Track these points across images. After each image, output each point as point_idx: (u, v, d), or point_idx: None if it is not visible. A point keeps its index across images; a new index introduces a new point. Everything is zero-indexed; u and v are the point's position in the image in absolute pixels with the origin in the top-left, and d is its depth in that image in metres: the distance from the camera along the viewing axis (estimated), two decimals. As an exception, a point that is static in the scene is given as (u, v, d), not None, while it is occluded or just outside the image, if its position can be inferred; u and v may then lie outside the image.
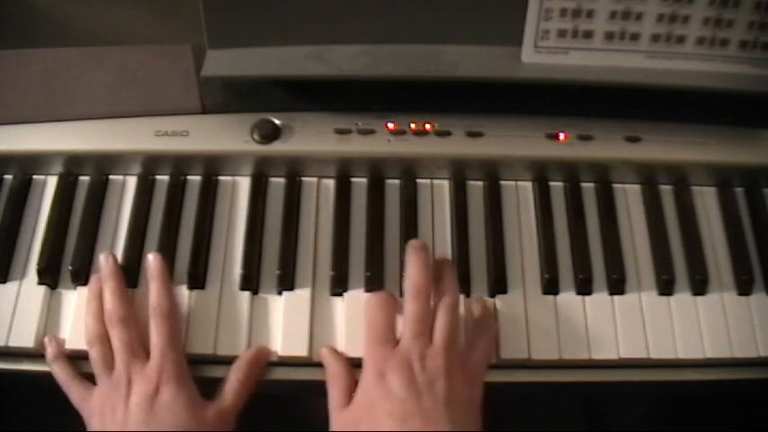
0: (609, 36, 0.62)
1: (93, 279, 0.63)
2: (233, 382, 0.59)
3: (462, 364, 0.56)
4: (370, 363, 0.56)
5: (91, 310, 0.61)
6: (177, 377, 0.57)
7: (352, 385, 0.57)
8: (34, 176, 0.69)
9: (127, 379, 0.57)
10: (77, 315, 0.62)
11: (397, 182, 0.69)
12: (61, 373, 0.60)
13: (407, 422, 0.52)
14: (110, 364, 0.58)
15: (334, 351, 0.60)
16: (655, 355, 0.61)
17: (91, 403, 0.58)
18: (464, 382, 0.55)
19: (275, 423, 0.79)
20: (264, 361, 0.61)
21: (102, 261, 0.63)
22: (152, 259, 0.63)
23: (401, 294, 0.62)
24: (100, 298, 0.61)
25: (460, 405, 0.54)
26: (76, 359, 0.60)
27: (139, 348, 0.59)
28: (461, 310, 0.61)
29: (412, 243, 0.61)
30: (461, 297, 0.62)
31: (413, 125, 0.67)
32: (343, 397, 0.57)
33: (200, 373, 0.60)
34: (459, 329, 0.58)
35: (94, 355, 0.59)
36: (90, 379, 0.59)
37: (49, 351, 0.60)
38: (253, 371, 0.60)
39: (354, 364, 0.59)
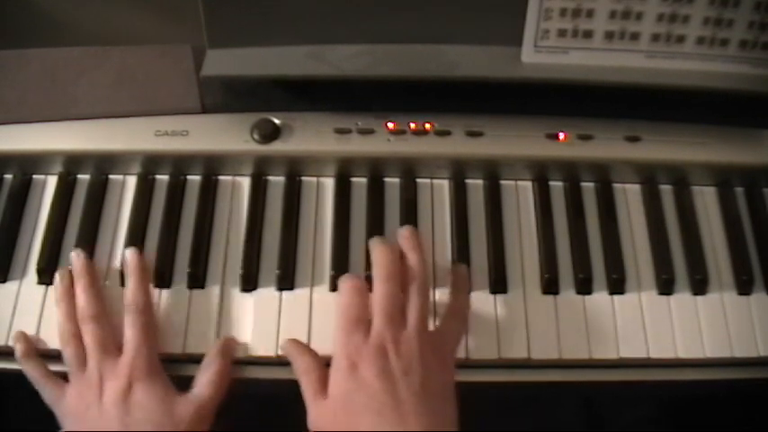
0: (609, 36, 0.62)
1: (60, 275, 0.62)
2: (208, 376, 0.58)
3: (437, 346, 0.56)
4: (342, 352, 0.54)
5: (62, 309, 0.60)
6: (150, 373, 0.57)
7: (324, 373, 0.56)
8: (34, 176, 0.69)
9: (99, 377, 0.57)
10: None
11: (396, 181, 0.69)
12: (33, 372, 0.59)
13: (383, 414, 0.51)
14: (82, 362, 0.58)
15: (298, 343, 0.60)
16: (654, 354, 0.61)
17: (64, 402, 0.57)
18: (438, 366, 0.55)
19: (274, 424, 0.78)
20: (233, 351, 0.60)
21: (74, 258, 0.63)
22: (129, 255, 0.62)
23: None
24: (71, 296, 0.61)
25: (436, 392, 0.53)
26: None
27: (112, 346, 0.58)
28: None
29: (373, 239, 0.61)
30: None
31: (413, 125, 0.67)
32: (317, 385, 0.55)
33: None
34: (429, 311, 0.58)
35: (67, 354, 0.58)
36: (64, 377, 0.59)
37: (19, 348, 0.60)
38: (225, 362, 0.59)
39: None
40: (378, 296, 0.56)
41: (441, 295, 0.63)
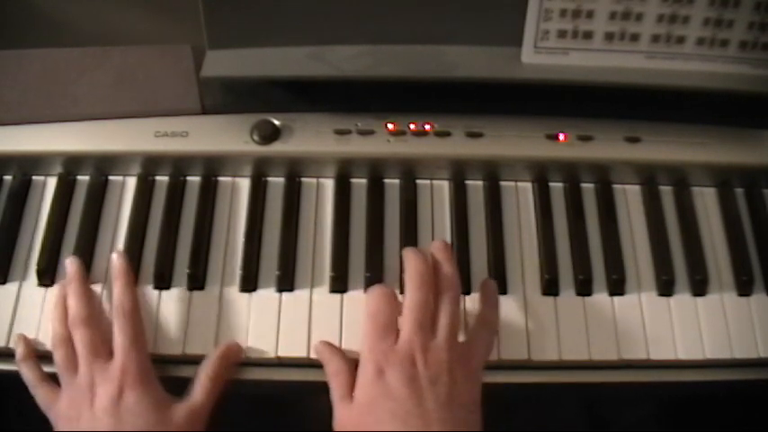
0: (609, 36, 0.62)
1: (59, 285, 0.63)
2: (202, 380, 0.58)
3: (464, 359, 0.55)
4: (370, 358, 0.55)
5: (56, 315, 0.60)
6: (141, 377, 0.57)
7: (353, 377, 0.56)
8: (34, 177, 0.69)
9: (90, 381, 0.56)
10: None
11: (396, 182, 0.69)
12: (29, 375, 0.59)
13: (408, 422, 0.51)
14: (73, 366, 0.58)
15: (331, 346, 0.60)
16: (655, 355, 0.61)
17: (57, 407, 0.57)
18: (465, 379, 0.54)
19: (274, 424, 0.79)
20: (234, 357, 0.60)
21: (67, 265, 0.63)
22: (115, 259, 0.63)
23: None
24: (64, 301, 0.61)
25: (462, 404, 0.53)
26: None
27: (102, 349, 0.58)
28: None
29: (407, 248, 0.60)
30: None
31: (412, 125, 0.67)
32: (345, 389, 0.55)
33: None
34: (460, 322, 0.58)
35: (58, 359, 0.58)
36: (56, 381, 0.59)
37: (19, 351, 0.60)
38: (222, 368, 0.59)
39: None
40: (410, 303, 0.56)
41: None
